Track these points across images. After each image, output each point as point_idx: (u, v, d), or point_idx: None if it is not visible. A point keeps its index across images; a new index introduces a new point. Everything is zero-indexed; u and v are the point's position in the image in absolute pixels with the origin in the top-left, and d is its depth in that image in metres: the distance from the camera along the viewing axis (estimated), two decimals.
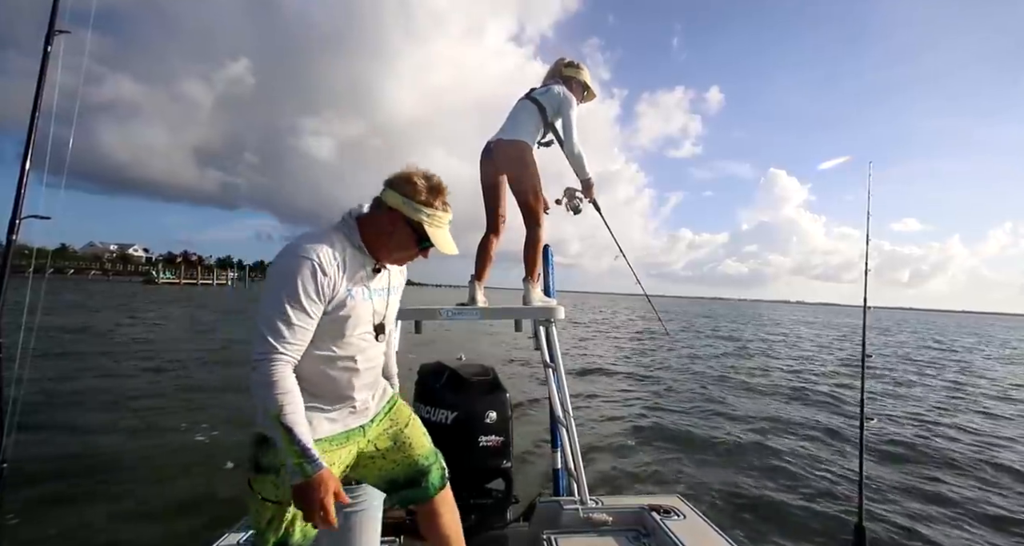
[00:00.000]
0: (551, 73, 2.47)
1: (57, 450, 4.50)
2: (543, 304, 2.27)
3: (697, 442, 5.12)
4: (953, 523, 3.37)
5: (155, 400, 6.47)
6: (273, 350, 1.03)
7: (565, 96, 2.30)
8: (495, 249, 2.44)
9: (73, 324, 13.75)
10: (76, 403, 6.14)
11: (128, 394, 6.68)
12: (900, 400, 7.40)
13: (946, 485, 4.03)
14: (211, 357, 9.73)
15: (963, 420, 6.30)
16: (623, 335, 18.12)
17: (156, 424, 5.45)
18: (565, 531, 1.68)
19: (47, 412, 5.50)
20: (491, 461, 1.78)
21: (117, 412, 5.88)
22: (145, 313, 19.74)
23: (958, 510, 3.56)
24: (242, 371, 7.90)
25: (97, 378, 7.64)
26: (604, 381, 8.58)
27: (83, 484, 3.89)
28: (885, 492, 3.81)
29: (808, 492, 3.83)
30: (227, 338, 12.67)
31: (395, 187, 1.15)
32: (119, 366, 8.64)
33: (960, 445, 5.18)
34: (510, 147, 2.28)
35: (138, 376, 7.95)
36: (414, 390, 1.89)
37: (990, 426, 6.13)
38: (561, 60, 2.47)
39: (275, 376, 1.02)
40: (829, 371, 10.31)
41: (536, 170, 2.31)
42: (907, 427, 5.79)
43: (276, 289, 1.06)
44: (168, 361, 9.10)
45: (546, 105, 2.31)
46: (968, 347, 20.05)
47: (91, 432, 5.10)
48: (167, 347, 10.84)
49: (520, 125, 2.31)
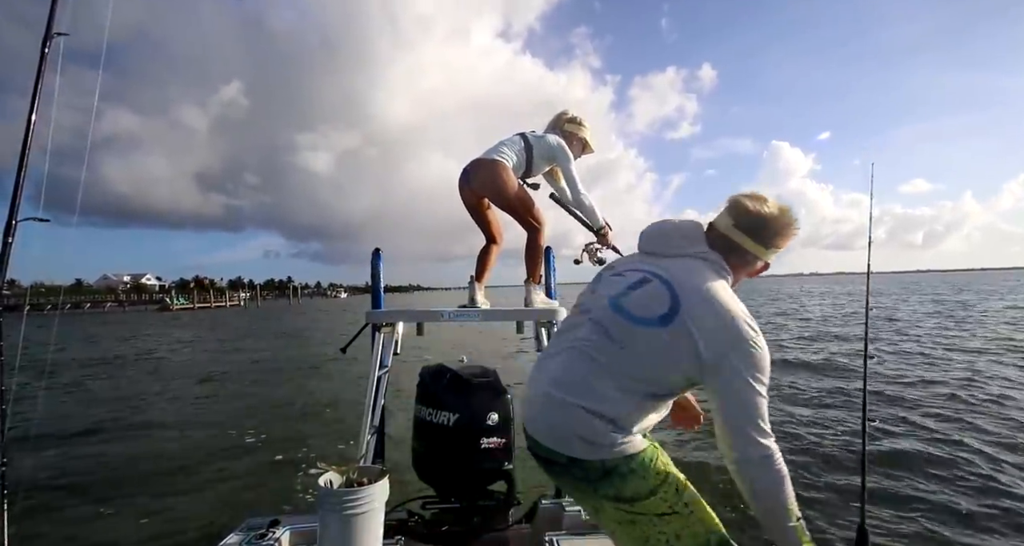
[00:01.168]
0: (551, 125, 2.42)
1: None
2: (544, 306, 2.28)
3: (698, 440, 5.12)
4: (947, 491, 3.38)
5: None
6: (770, 437, 0.96)
7: (561, 147, 2.27)
8: (496, 255, 2.46)
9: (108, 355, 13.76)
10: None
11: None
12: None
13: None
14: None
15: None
16: None
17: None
18: (567, 533, 1.68)
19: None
20: (493, 463, 1.77)
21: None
22: (168, 340, 19.86)
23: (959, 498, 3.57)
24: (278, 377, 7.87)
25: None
26: None
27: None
28: (887, 501, 3.82)
29: (808, 490, 3.84)
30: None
31: (770, 243, 1.12)
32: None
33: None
34: (484, 168, 2.24)
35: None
36: (416, 392, 1.89)
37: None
38: (563, 114, 2.43)
39: (785, 470, 0.96)
40: (833, 353, 10.24)
41: (515, 182, 2.26)
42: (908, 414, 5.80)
43: (762, 368, 0.97)
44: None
45: (535, 146, 2.28)
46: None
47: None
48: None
49: (499, 150, 2.27)
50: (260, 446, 5.31)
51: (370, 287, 2.31)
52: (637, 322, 1.02)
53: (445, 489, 1.85)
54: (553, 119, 2.44)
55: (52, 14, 1.70)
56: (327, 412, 6.72)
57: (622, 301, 1.07)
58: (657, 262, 1.12)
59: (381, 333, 2.07)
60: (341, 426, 5.89)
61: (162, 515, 3.60)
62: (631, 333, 1.02)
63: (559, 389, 1.04)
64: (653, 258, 1.15)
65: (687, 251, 1.12)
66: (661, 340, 0.99)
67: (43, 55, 1.66)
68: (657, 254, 1.15)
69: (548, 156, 2.30)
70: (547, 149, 2.29)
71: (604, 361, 1.02)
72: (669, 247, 1.14)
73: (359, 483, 1.35)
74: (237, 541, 1.57)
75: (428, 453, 1.82)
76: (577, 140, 2.40)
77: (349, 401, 7.06)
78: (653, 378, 1.01)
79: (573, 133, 2.39)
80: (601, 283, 1.18)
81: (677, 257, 1.12)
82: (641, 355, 1.00)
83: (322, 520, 1.29)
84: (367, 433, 1.90)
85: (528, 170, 2.33)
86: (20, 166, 1.64)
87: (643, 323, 1.01)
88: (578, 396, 1.02)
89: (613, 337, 1.03)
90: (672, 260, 1.11)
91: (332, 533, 1.28)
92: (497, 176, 2.21)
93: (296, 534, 1.65)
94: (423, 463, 1.84)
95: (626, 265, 1.18)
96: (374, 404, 1.95)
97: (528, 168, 2.32)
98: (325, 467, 1.40)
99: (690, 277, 1.05)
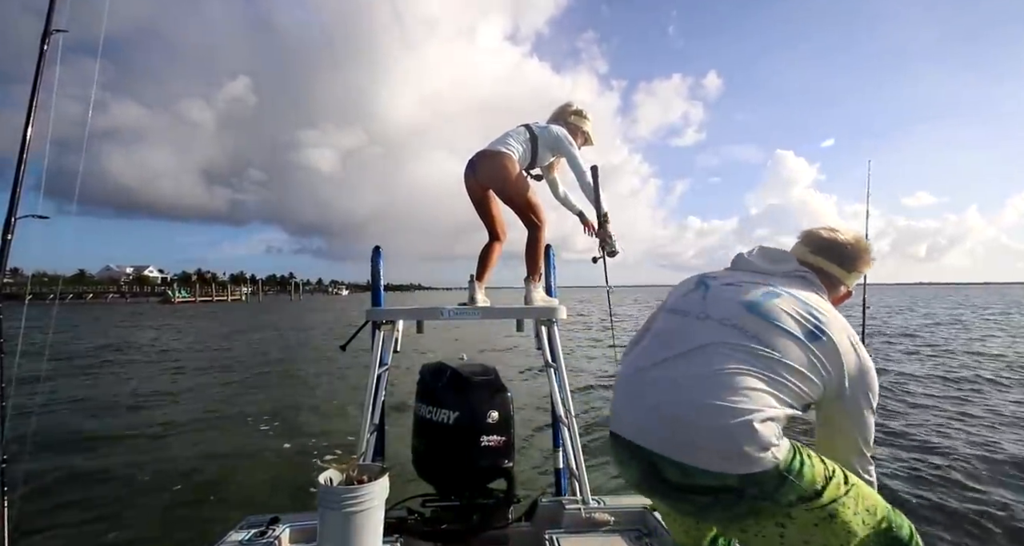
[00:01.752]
0: (555, 116, 2.44)
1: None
2: (544, 304, 2.27)
3: None
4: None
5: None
6: (872, 454, 1.06)
7: (565, 137, 2.28)
8: (498, 254, 2.45)
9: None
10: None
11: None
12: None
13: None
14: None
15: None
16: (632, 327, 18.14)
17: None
18: (567, 531, 1.68)
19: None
20: (493, 461, 1.77)
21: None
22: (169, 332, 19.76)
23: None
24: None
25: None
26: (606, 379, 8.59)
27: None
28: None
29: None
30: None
31: (852, 266, 1.19)
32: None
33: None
34: (489, 159, 2.24)
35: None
36: (416, 390, 1.89)
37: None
38: (568, 106, 2.45)
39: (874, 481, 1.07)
40: None
41: (522, 176, 2.27)
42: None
43: (876, 394, 1.03)
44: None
45: (540, 137, 2.29)
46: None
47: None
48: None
49: (504, 141, 2.28)
50: (260, 444, 5.32)
51: (370, 285, 2.30)
52: (782, 330, 0.99)
53: (445, 487, 1.85)
54: (557, 110, 2.46)
55: (51, 12, 1.70)
56: (327, 410, 6.73)
57: (759, 308, 1.03)
58: (767, 279, 1.13)
59: (381, 331, 2.07)
60: (341, 424, 5.90)
61: (161, 513, 3.61)
62: (776, 336, 0.98)
63: (709, 397, 0.93)
64: (756, 275, 1.16)
65: (785, 269, 1.15)
66: (806, 353, 0.97)
67: (42, 52, 1.66)
68: (758, 272, 1.17)
69: (553, 146, 2.32)
70: (552, 140, 2.30)
71: (752, 360, 0.96)
72: (770, 267, 1.17)
73: (359, 481, 1.35)
74: (237, 539, 1.57)
75: (428, 451, 1.82)
76: (580, 133, 2.43)
77: (349, 399, 7.07)
78: (798, 386, 0.97)
79: (577, 125, 2.41)
80: (712, 290, 1.14)
81: (780, 276, 1.14)
82: (786, 358, 0.96)
83: (322, 518, 1.29)
84: (367, 431, 1.90)
85: (533, 161, 2.35)
86: (19, 162, 1.64)
87: (788, 334, 0.98)
88: (736, 402, 0.91)
89: (760, 338, 0.98)
90: (777, 278, 1.13)
91: (332, 531, 1.28)
92: (503, 167, 2.22)
93: (296, 532, 1.65)
94: (423, 461, 1.84)
95: (737, 277, 1.17)
96: (374, 402, 1.95)
97: (533, 159, 2.34)
98: (325, 465, 1.40)
99: (813, 297, 1.07)
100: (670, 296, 1.24)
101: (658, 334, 1.14)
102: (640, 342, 1.19)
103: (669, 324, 1.14)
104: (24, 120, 1.66)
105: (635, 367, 1.11)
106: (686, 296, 1.17)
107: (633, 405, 1.05)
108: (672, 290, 1.27)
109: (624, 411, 1.08)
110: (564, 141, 2.28)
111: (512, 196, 2.28)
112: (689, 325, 1.08)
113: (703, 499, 0.95)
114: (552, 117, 2.45)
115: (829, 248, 1.19)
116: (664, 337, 1.11)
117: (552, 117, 2.45)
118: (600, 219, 2.22)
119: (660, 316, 1.20)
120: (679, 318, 1.12)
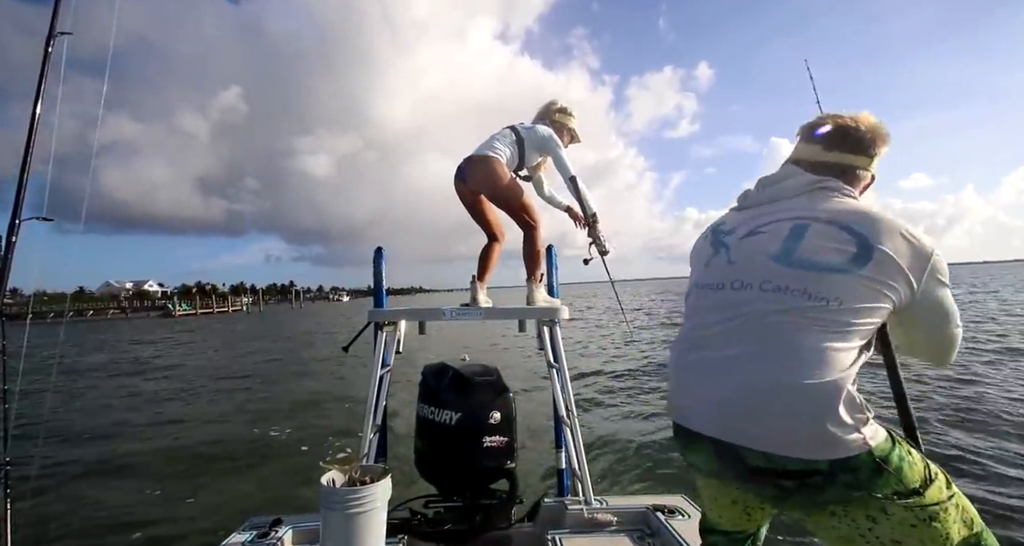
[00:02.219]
0: (540, 115, 2.44)
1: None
2: (546, 304, 2.27)
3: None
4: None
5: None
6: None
7: (551, 137, 2.27)
8: (498, 254, 2.45)
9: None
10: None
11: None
12: None
13: None
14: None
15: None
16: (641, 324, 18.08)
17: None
18: (570, 531, 1.68)
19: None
20: (495, 461, 1.77)
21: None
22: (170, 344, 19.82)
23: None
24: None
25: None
26: (605, 378, 8.57)
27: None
28: None
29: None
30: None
31: (871, 151, 1.04)
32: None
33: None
34: (478, 165, 2.24)
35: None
36: (418, 391, 1.89)
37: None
38: (552, 103, 2.45)
39: None
40: None
41: (511, 179, 2.27)
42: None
43: (944, 273, 0.92)
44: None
45: (526, 138, 2.29)
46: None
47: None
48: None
49: (491, 144, 2.27)
50: (262, 446, 5.32)
51: (372, 290, 2.31)
52: (828, 271, 0.88)
53: (447, 488, 1.85)
54: (542, 109, 2.46)
55: (55, 14, 1.71)
56: (329, 411, 6.73)
57: (793, 255, 0.92)
58: (785, 205, 1.01)
59: (383, 332, 2.07)
60: (343, 425, 5.90)
61: (164, 514, 3.61)
62: (825, 282, 0.87)
63: (779, 377, 0.84)
64: (773, 206, 1.03)
65: (804, 187, 1.01)
66: (863, 283, 0.87)
67: (46, 54, 1.67)
68: (774, 200, 1.04)
69: (539, 146, 2.32)
70: (538, 140, 2.30)
71: (810, 322, 0.86)
72: (785, 190, 1.03)
73: (361, 482, 1.34)
74: (240, 540, 1.58)
75: (430, 452, 1.82)
76: (566, 130, 2.43)
77: (350, 400, 7.08)
78: (866, 324, 0.87)
79: (562, 123, 2.41)
80: (734, 249, 1.03)
81: (800, 196, 1.00)
82: (849, 302, 0.86)
83: (324, 519, 1.29)
84: (369, 432, 1.90)
85: (521, 163, 2.35)
86: (23, 163, 1.65)
87: (837, 271, 0.87)
88: (808, 375, 0.82)
89: (809, 292, 0.87)
90: (798, 199, 1.00)
91: (334, 532, 1.28)
92: (492, 172, 2.21)
93: (298, 533, 1.65)
94: (425, 462, 1.84)
95: (750, 222, 1.04)
96: (376, 403, 1.95)
97: (521, 161, 2.34)
98: (327, 466, 1.40)
99: (845, 208, 0.94)
100: (693, 270, 1.13)
101: (697, 313, 1.05)
102: (686, 325, 1.08)
103: (705, 301, 1.03)
104: (28, 119, 1.67)
105: (684, 352, 1.03)
106: (709, 266, 1.06)
107: (694, 393, 0.97)
108: (691, 260, 1.17)
109: (683, 399, 1.01)
110: (551, 141, 2.27)
111: (504, 200, 2.28)
112: (728, 299, 0.97)
113: (789, 483, 0.87)
114: (537, 116, 2.44)
115: (844, 137, 1.02)
116: (705, 316, 1.01)
117: (537, 116, 2.44)
118: (589, 220, 2.23)
119: (693, 294, 1.09)
120: (713, 293, 1.01)
